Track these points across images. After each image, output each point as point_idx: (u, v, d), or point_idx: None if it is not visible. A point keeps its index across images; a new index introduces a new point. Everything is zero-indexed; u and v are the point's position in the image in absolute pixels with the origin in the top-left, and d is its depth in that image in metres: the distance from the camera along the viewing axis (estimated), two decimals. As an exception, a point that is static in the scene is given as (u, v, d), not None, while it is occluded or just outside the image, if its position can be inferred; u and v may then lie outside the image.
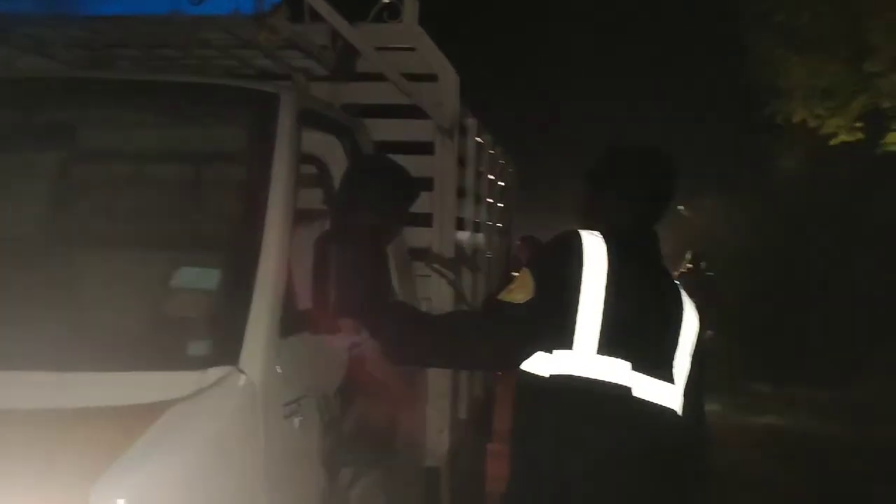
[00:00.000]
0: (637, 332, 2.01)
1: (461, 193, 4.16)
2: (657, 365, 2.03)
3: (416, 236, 3.80)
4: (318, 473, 2.11)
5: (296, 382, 2.00)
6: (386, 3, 3.78)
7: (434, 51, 3.74)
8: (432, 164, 3.78)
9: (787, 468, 6.79)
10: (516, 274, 2.12)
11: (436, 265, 3.78)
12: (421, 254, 3.80)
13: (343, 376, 2.36)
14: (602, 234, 2.03)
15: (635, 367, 1.98)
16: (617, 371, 1.97)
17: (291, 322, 2.05)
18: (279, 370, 1.91)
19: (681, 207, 15.41)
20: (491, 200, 5.21)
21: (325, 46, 3.48)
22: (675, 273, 9.77)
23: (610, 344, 1.95)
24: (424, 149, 3.86)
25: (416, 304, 3.54)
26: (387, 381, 2.62)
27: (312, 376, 2.10)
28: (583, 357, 1.94)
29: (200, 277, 2.08)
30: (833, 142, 8.25)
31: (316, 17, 3.17)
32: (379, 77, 3.74)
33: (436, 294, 3.81)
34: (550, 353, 1.95)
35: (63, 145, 2.56)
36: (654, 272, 2.13)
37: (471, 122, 4.41)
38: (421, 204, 3.86)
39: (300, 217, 2.39)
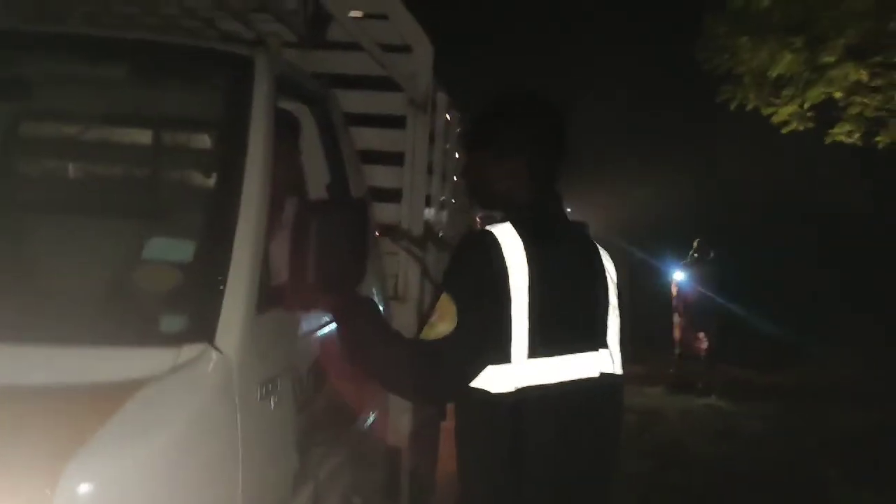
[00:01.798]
0: (568, 315, 1.90)
1: (430, 170, 4.09)
2: (592, 336, 1.97)
3: (385, 212, 3.73)
4: (291, 454, 2.03)
5: (272, 361, 1.91)
6: (359, -30, 3.68)
7: (409, 20, 3.64)
8: (403, 139, 3.70)
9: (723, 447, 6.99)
10: None
11: (404, 242, 3.71)
12: (390, 230, 3.73)
13: (315, 355, 2.28)
14: (510, 217, 1.87)
15: (575, 350, 1.91)
16: (556, 368, 1.88)
17: (267, 298, 1.96)
18: (255, 348, 1.82)
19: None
20: (457, 179, 5.15)
21: (294, 11, 3.37)
22: (684, 262, 9.76)
23: (541, 343, 1.84)
24: (396, 122, 3.77)
25: (383, 282, 3.47)
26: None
27: (287, 355, 2.02)
28: (517, 367, 1.81)
29: (173, 249, 1.97)
30: (785, 130, 8.39)
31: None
32: (350, 46, 3.64)
33: (403, 272, 3.74)
34: (487, 371, 1.81)
35: (16, 104, 2.39)
36: (568, 239, 2.00)
37: (440, 97, 4.33)
38: (391, 178, 3.79)
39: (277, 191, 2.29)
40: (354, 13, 3.56)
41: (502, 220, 1.88)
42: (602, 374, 1.97)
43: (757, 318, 10.69)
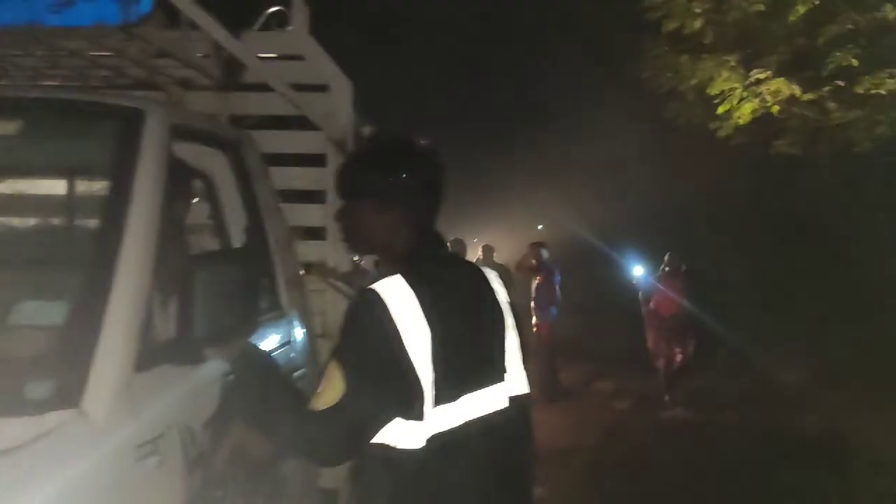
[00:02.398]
0: (468, 353, 1.89)
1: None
2: (495, 365, 1.96)
3: (311, 249, 3.72)
4: (184, 513, 1.99)
5: (154, 420, 1.87)
6: (274, 11, 3.69)
7: (324, 59, 3.66)
8: (325, 176, 3.70)
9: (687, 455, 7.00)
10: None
11: (331, 279, 3.69)
12: (316, 267, 3.71)
13: (216, 406, 2.24)
14: (408, 269, 1.83)
15: (479, 386, 1.90)
16: (463, 409, 1.86)
17: (151, 353, 1.93)
18: (132, 409, 1.79)
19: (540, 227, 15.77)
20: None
21: (206, 56, 3.36)
22: (655, 276, 9.75)
23: (445, 388, 1.81)
24: (318, 160, 3.77)
25: (309, 320, 3.45)
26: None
27: (175, 410, 1.98)
28: (428, 419, 1.78)
29: (47, 311, 1.94)
30: (732, 143, 8.54)
31: (196, 24, 3.05)
32: (268, 87, 3.64)
33: (332, 308, 3.72)
34: (393, 428, 1.78)
35: None
36: (457, 277, 1.97)
37: (368, 130, 4.34)
38: (314, 217, 3.79)
39: (172, 239, 2.27)
40: (266, 55, 3.57)
41: (391, 272, 1.84)
42: (510, 399, 1.98)
43: (724, 329, 10.71)
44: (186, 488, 2.00)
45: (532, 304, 9.83)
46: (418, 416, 1.78)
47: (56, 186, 2.41)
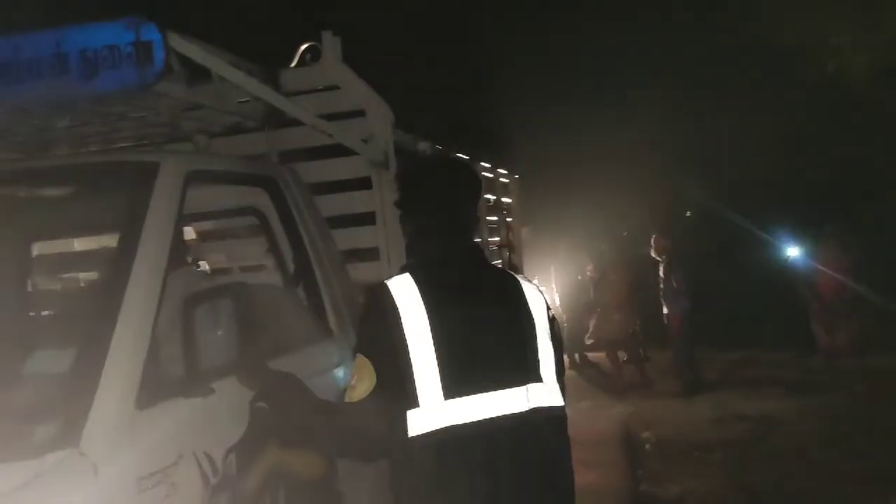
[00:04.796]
0: (486, 353, 1.94)
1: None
2: (519, 371, 1.98)
3: (366, 271, 3.82)
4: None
5: (160, 452, 2.01)
6: (307, 47, 3.84)
7: (359, 86, 3.76)
8: (372, 199, 3.80)
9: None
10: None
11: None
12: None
13: (240, 431, 2.37)
14: (417, 268, 1.98)
15: (496, 387, 1.93)
16: (475, 406, 1.91)
17: (157, 389, 2.08)
18: (133, 445, 1.93)
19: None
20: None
21: (244, 100, 3.56)
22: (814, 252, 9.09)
23: (456, 383, 1.89)
24: (366, 184, 3.87)
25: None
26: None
27: (188, 440, 2.12)
28: (433, 409, 1.87)
29: (58, 360, 2.13)
30: None
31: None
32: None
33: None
34: (404, 416, 1.88)
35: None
36: (478, 283, 2.06)
37: (424, 145, 4.41)
38: (367, 238, 3.89)
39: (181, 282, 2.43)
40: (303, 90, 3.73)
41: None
42: (534, 409, 1.97)
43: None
44: (208, 510, 2.13)
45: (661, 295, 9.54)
46: (413, 402, 1.86)
47: (77, 242, 2.64)
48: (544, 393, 2.01)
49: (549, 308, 2.13)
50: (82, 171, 2.56)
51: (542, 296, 2.13)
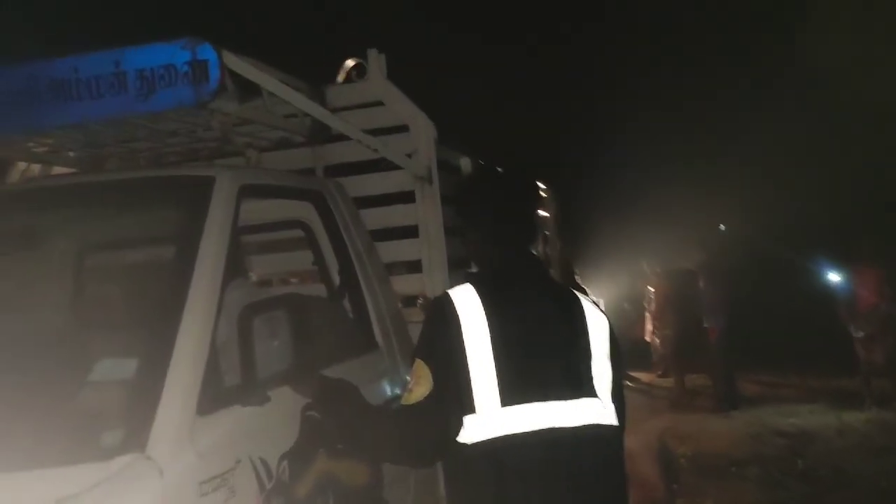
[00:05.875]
0: (541, 364, 1.99)
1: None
2: (573, 385, 2.02)
3: (408, 284, 3.88)
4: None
5: (220, 457, 2.08)
6: (353, 65, 3.93)
7: (402, 102, 3.85)
8: (415, 212, 3.87)
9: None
10: None
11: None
12: (415, 300, 3.87)
13: (292, 439, 2.43)
14: (480, 279, 2.05)
15: (551, 398, 1.97)
16: (532, 415, 1.96)
17: (217, 397, 2.15)
18: (196, 449, 2.00)
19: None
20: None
21: (291, 116, 3.65)
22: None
23: (513, 391, 1.94)
24: (409, 197, 3.95)
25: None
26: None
27: (245, 446, 2.18)
28: (490, 416, 1.93)
29: (122, 367, 2.21)
30: None
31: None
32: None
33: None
34: (462, 422, 1.95)
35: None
36: (539, 296, 2.11)
37: (464, 161, 4.47)
38: (410, 251, 3.96)
39: (241, 291, 2.51)
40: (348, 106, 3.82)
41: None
42: (587, 425, 2.01)
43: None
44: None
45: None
46: (470, 408, 1.93)
47: (137, 254, 2.74)
48: (599, 409, 2.04)
49: (612, 329, 2.16)
50: (141, 185, 2.66)
51: (603, 316, 2.17)
